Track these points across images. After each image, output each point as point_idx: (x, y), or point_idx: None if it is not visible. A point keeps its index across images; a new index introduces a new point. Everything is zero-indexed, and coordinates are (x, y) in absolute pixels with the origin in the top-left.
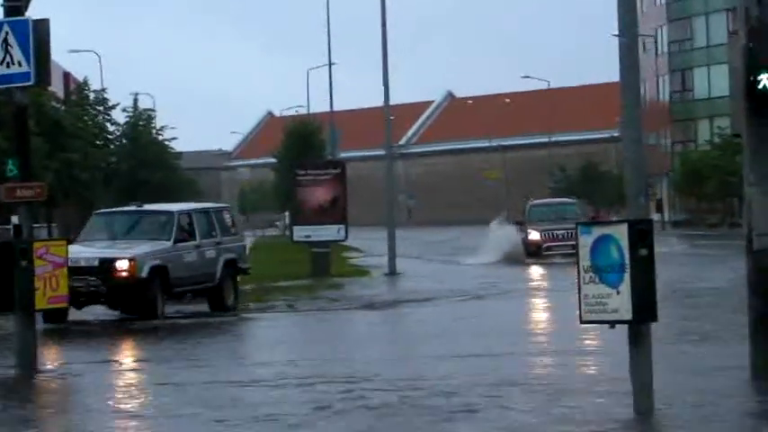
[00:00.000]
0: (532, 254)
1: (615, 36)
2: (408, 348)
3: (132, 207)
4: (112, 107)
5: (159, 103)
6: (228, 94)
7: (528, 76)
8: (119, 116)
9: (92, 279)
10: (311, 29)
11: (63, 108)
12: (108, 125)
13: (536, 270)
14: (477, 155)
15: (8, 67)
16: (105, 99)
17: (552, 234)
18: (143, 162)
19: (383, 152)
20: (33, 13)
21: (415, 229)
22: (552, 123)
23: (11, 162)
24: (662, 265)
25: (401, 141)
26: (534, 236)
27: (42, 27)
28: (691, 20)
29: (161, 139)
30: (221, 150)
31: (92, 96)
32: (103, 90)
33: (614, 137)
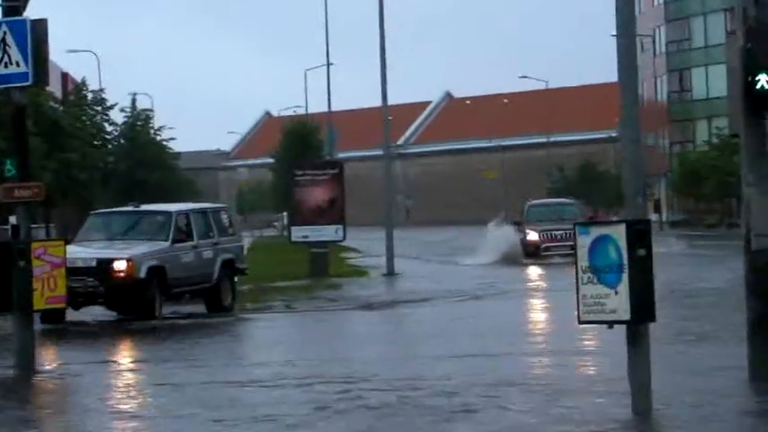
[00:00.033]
0: (531, 254)
1: (613, 36)
2: (406, 348)
3: (129, 207)
4: (110, 107)
5: (157, 103)
6: (227, 94)
7: (526, 77)
8: (117, 116)
9: (89, 280)
10: (310, 29)
11: (61, 108)
12: (106, 125)
13: (534, 270)
14: (476, 155)
15: (6, 67)
16: (103, 99)
17: (551, 234)
18: (141, 162)
19: (381, 152)
20: (31, 12)
21: (414, 230)
22: (550, 123)
23: (9, 162)
24: (660, 266)
25: (399, 141)
26: (533, 236)
27: (40, 27)
28: (689, 20)
29: (159, 139)
30: (219, 150)
31: (90, 96)
32: (101, 90)
33: (612, 137)
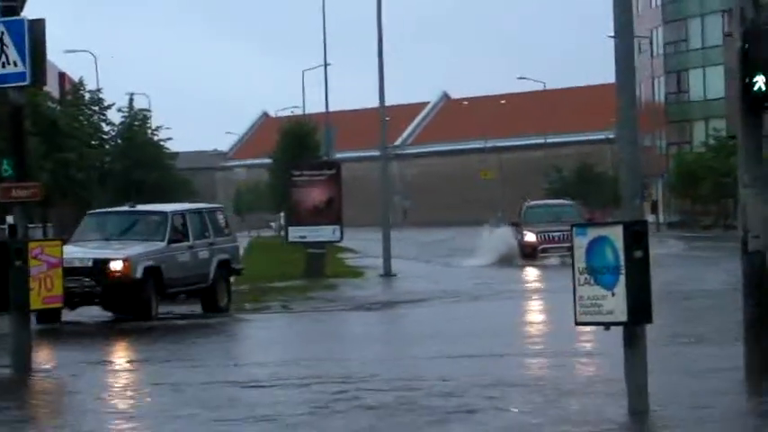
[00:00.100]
0: (528, 255)
1: (611, 37)
2: (404, 349)
3: (126, 207)
4: (108, 107)
5: (155, 103)
6: (224, 94)
7: (524, 78)
8: (114, 116)
9: (86, 280)
10: (307, 30)
11: (59, 108)
12: (103, 125)
13: (531, 271)
14: (473, 156)
15: (4, 67)
16: (101, 99)
17: (548, 236)
18: (138, 162)
19: (378, 153)
20: (29, 12)
21: (411, 230)
22: (548, 124)
23: (6, 162)
24: (657, 267)
25: (397, 142)
26: (530, 237)
27: (38, 27)
28: (686, 21)
29: (156, 139)
30: (217, 151)
31: (87, 96)
32: (99, 90)
33: (610, 138)
